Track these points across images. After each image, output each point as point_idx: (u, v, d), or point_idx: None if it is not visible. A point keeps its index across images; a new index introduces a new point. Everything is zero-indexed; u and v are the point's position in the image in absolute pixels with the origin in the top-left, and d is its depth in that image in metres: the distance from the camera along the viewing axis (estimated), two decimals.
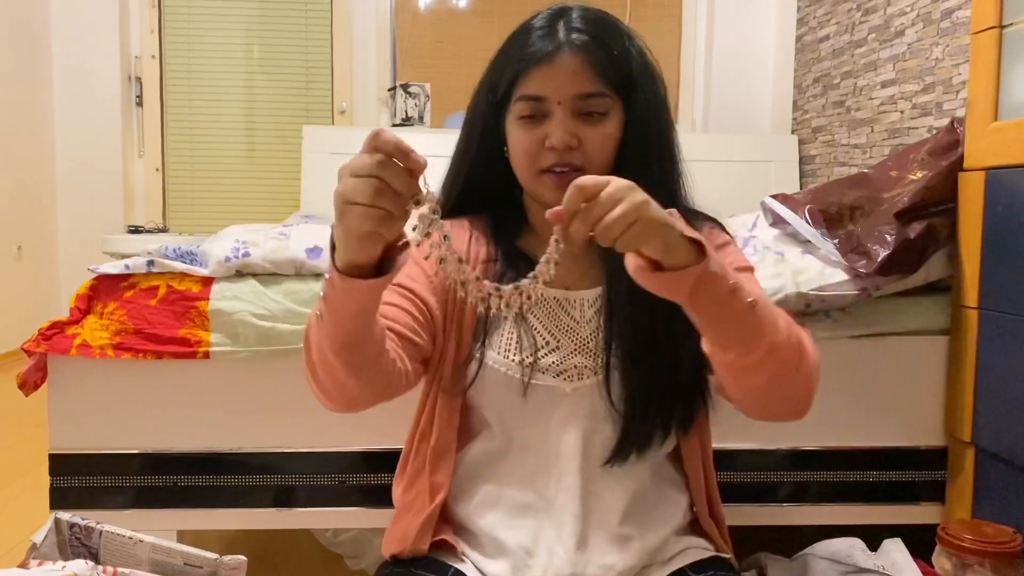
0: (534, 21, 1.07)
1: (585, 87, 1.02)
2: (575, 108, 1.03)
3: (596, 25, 1.05)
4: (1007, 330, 1.42)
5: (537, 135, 1.03)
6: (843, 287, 1.51)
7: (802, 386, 0.97)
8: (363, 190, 0.76)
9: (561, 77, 1.02)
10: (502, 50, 1.09)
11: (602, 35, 1.04)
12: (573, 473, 1.06)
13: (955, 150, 1.58)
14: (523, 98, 1.04)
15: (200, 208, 4.37)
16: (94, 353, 1.48)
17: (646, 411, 1.04)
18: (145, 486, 1.52)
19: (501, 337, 1.07)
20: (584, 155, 1.03)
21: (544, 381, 1.06)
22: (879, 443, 1.57)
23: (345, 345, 0.90)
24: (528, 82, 1.03)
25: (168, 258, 1.54)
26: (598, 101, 1.03)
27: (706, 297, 0.84)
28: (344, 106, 4.34)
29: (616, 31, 1.07)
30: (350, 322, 0.88)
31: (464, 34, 4.38)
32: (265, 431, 1.52)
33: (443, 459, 1.10)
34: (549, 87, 1.02)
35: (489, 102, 1.08)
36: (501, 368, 1.06)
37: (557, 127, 1.02)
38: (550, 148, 1.02)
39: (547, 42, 1.03)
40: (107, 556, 1.06)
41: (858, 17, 3.33)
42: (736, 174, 3.77)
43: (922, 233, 1.50)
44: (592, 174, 0.98)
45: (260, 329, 1.49)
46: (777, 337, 0.90)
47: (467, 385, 1.08)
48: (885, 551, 1.36)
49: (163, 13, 4.29)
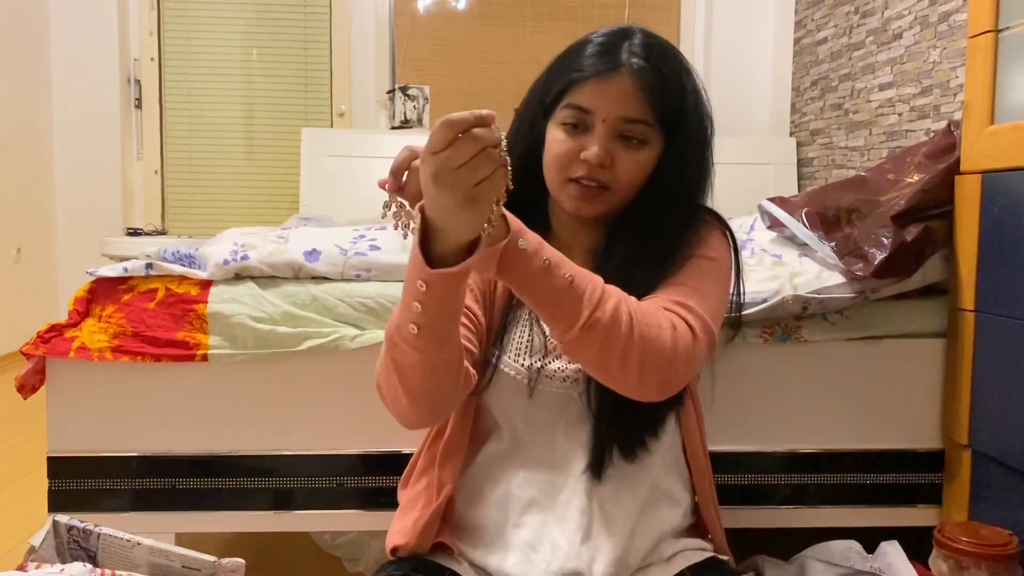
0: (596, 36, 1.09)
1: (632, 112, 1.04)
2: (617, 129, 1.05)
3: (658, 54, 1.07)
4: (1004, 333, 1.42)
5: (575, 144, 1.06)
6: (840, 290, 1.51)
7: (634, 364, 0.93)
8: (461, 149, 0.77)
9: (612, 97, 1.04)
10: (562, 56, 1.11)
11: (661, 65, 1.06)
12: (578, 474, 1.08)
13: (952, 153, 1.59)
14: (570, 106, 1.06)
15: (199, 211, 4.37)
16: (92, 356, 1.48)
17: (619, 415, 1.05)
18: (143, 489, 1.52)
19: (512, 340, 1.09)
20: (613, 175, 1.06)
21: (550, 387, 1.08)
22: (876, 446, 1.57)
23: (439, 340, 0.91)
24: (580, 93, 1.05)
25: (166, 261, 1.55)
26: (640, 128, 1.05)
27: (514, 272, 0.89)
28: (343, 108, 4.34)
29: (676, 64, 1.08)
30: (450, 313, 0.90)
31: (463, 37, 4.38)
32: (263, 434, 1.52)
33: (452, 457, 1.11)
34: (598, 103, 1.05)
35: (539, 101, 1.11)
36: (511, 372, 1.09)
37: (595, 143, 1.04)
38: (583, 160, 1.05)
39: (608, 59, 1.05)
40: (105, 559, 1.06)
41: (856, 20, 3.33)
42: (734, 176, 3.77)
43: (919, 236, 1.51)
44: (618, 194, 1.06)
45: (258, 332, 1.49)
46: (597, 314, 0.91)
47: (483, 387, 1.10)
48: (882, 553, 1.37)
49: (162, 16, 4.29)
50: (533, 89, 1.14)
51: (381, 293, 1.52)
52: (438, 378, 0.95)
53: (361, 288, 1.53)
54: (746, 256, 1.81)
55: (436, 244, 0.84)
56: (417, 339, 0.90)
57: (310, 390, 1.51)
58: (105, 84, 4.20)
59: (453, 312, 0.91)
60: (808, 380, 1.56)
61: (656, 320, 0.95)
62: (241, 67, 4.35)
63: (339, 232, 1.68)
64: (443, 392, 0.97)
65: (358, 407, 1.48)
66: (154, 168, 4.33)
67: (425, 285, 0.85)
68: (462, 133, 0.77)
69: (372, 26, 4.31)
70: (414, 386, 0.95)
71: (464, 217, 0.81)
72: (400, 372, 0.95)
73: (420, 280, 0.85)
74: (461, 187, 0.78)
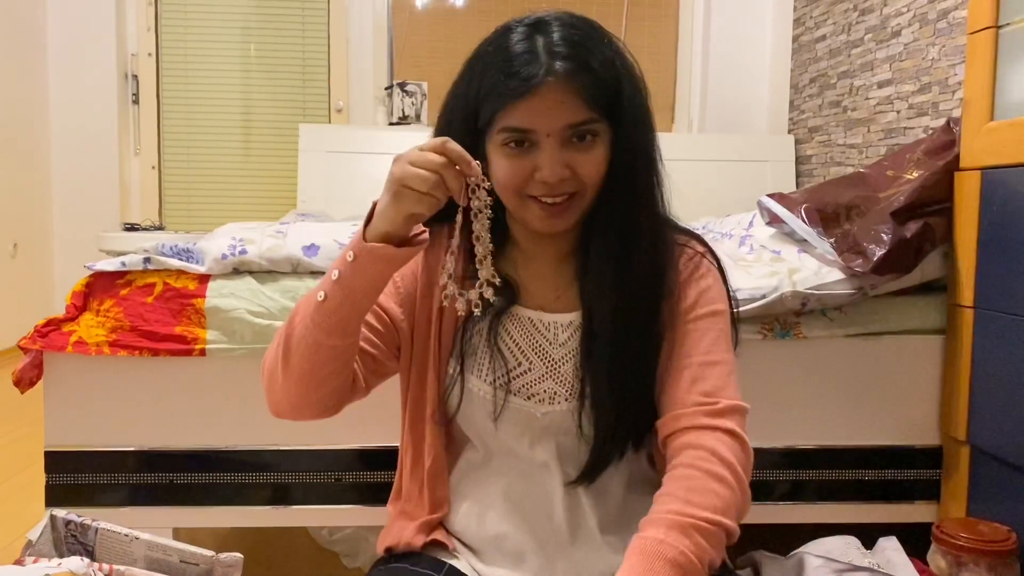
0: (511, 40, 0.99)
1: (573, 117, 0.97)
2: (564, 138, 0.98)
3: (579, 45, 0.98)
4: (1002, 329, 1.42)
5: (524, 165, 0.98)
6: (839, 286, 1.51)
7: (742, 515, 0.97)
8: (424, 180, 0.89)
9: (548, 109, 0.96)
10: (479, 72, 1.01)
11: (587, 56, 0.97)
12: (552, 486, 1.07)
13: (951, 150, 1.59)
14: (507, 129, 0.98)
15: (196, 206, 4.36)
16: (90, 350, 1.47)
17: (615, 435, 1.04)
18: (141, 483, 1.52)
19: (475, 360, 1.08)
20: (577, 181, 0.99)
21: (515, 404, 1.06)
22: (875, 442, 1.57)
23: (343, 324, 0.96)
24: (512, 114, 0.97)
25: (164, 255, 1.54)
26: (589, 127, 0.98)
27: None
28: (341, 104, 4.33)
29: (598, 44, 1.00)
30: (360, 297, 0.96)
31: (461, 32, 4.37)
32: (261, 429, 1.52)
33: (440, 477, 1.11)
34: (536, 120, 0.96)
35: (470, 130, 1.01)
36: (476, 391, 1.07)
37: (548, 161, 0.97)
38: (540, 181, 0.98)
39: (530, 71, 0.95)
40: (103, 553, 1.06)
41: (855, 17, 3.33)
42: (732, 174, 3.78)
43: (918, 232, 1.51)
44: (587, 197, 1.01)
45: (256, 326, 1.49)
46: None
47: (452, 414, 1.09)
48: (880, 549, 1.37)
49: (160, 10, 4.28)
50: (453, 107, 1.05)
51: None
52: (320, 360, 0.98)
53: None
54: (745, 252, 1.81)
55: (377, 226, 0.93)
56: (319, 309, 0.95)
57: None
58: (102, 79, 4.19)
59: (363, 297, 0.97)
60: (807, 376, 1.56)
61: (738, 498, 0.95)
62: (239, 63, 4.34)
63: (338, 227, 1.67)
64: (319, 378, 0.99)
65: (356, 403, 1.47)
66: (151, 164, 4.32)
67: (353, 256, 0.93)
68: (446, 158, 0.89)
69: (370, 22, 4.30)
70: (293, 361, 0.99)
71: (397, 220, 0.92)
72: (287, 344, 0.99)
73: (351, 251, 0.94)
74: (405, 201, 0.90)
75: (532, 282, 1.10)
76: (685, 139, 4.11)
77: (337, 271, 0.95)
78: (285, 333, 1.00)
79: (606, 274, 1.02)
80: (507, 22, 1.02)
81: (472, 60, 1.03)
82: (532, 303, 1.09)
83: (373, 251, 0.92)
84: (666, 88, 4.41)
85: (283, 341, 1.00)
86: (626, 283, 1.02)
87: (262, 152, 4.36)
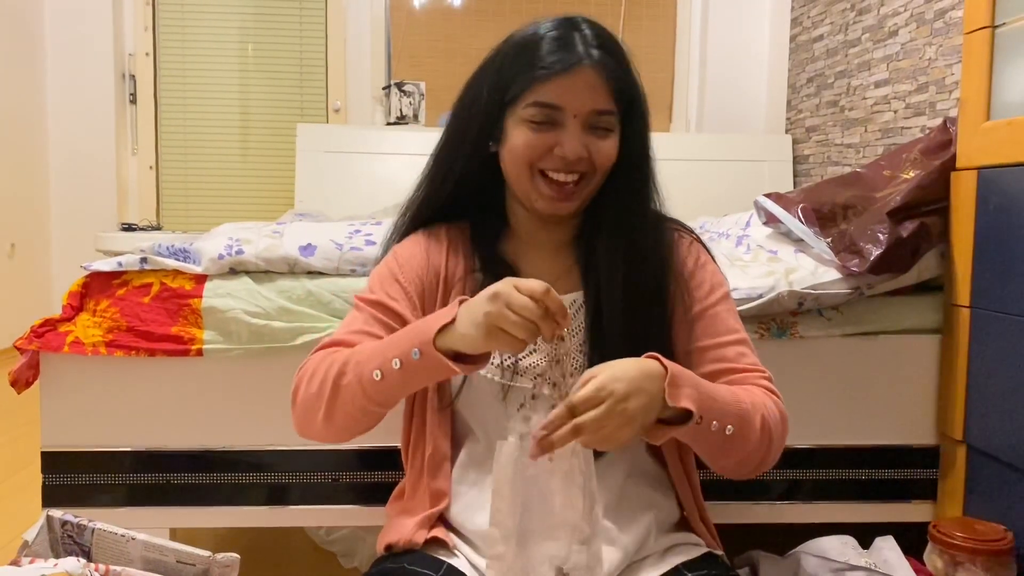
0: (545, 29, 1.06)
1: (601, 103, 1.05)
2: (588, 122, 1.05)
3: (610, 42, 1.07)
4: (999, 329, 1.43)
5: (546, 140, 1.05)
6: (836, 286, 1.51)
7: (766, 465, 1.07)
8: (520, 327, 0.89)
9: (581, 90, 1.03)
10: (511, 54, 1.07)
11: (616, 53, 1.06)
12: None
13: (948, 149, 1.59)
14: (537, 104, 1.04)
15: (194, 206, 4.36)
16: (87, 351, 1.47)
17: None
18: (137, 484, 1.52)
19: None
20: (590, 163, 1.06)
21: (523, 384, 1.08)
22: (871, 441, 1.58)
23: (392, 399, 1.02)
24: (546, 89, 1.04)
25: (161, 255, 1.54)
26: (608, 119, 1.06)
27: (688, 437, 0.98)
28: (338, 104, 4.33)
29: (623, 50, 1.09)
30: (415, 386, 1.03)
31: (459, 32, 4.37)
32: (258, 429, 1.52)
33: (441, 467, 1.12)
34: (567, 99, 1.03)
35: (495, 102, 1.07)
36: (483, 374, 1.08)
37: (572, 139, 1.04)
38: (558, 156, 1.05)
39: (567, 53, 1.03)
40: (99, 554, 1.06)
41: (852, 17, 3.33)
42: (730, 174, 3.78)
43: (914, 232, 1.51)
44: (594, 182, 1.08)
45: (253, 327, 1.48)
46: (747, 447, 1.01)
47: (452, 398, 1.11)
48: (877, 549, 1.37)
49: (157, 10, 4.27)
50: (479, 88, 1.10)
51: None
52: (360, 421, 1.05)
53: (356, 283, 1.53)
54: (742, 252, 1.81)
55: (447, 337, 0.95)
56: (373, 384, 0.99)
57: None
58: (100, 79, 4.19)
59: (417, 386, 1.04)
60: (803, 376, 1.56)
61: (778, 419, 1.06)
62: (236, 62, 4.33)
63: (335, 227, 1.67)
64: (353, 431, 1.07)
65: None
66: (149, 164, 4.32)
67: (419, 354, 0.95)
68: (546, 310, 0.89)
69: (368, 22, 4.30)
70: (337, 417, 1.04)
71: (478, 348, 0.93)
72: (332, 401, 1.03)
73: (418, 348, 0.95)
74: (496, 340, 0.91)
75: (530, 267, 1.13)
76: (682, 139, 4.11)
77: (399, 361, 0.96)
78: (331, 389, 1.02)
79: (609, 252, 1.07)
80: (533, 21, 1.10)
81: (503, 45, 1.10)
82: None
83: (441, 363, 0.94)
84: (663, 88, 4.41)
85: (329, 396, 1.03)
86: (629, 261, 1.07)
87: (259, 152, 4.36)
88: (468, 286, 1.11)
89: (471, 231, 1.15)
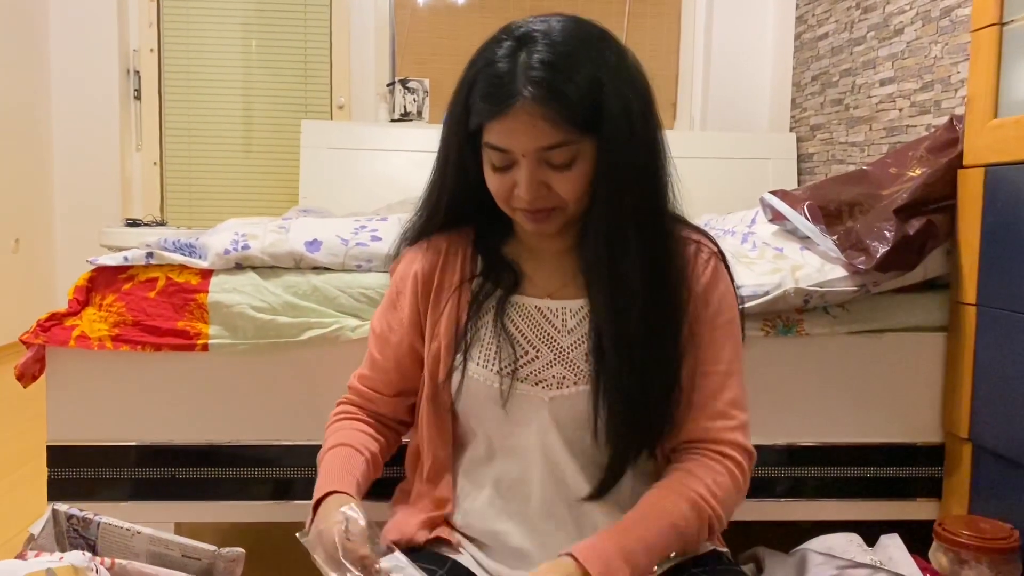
0: (496, 55, 0.99)
1: (546, 140, 0.97)
2: (540, 158, 0.99)
3: (556, 67, 0.96)
4: (1005, 327, 1.42)
5: (507, 181, 1.02)
6: (842, 283, 1.51)
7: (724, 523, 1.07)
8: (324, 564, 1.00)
9: (521, 132, 0.97)
10: (468, 85, 1.02)
11: (562, 80, 0.96)
12: (557, 478, 1.07)
13: (954, 147, 1.58)
14: (488, 146, 1.01)
15: (198, 202, 4.36)
16: (92, 345, 1.47)
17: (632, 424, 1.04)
18: (143, 478, 1.52)
19: (481, 349, 1.09)
20: (556, 197, 1.02)
21: (523, 390, 1.07)
22: (877, 439, 1.57)
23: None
24: (491, 133, 1.00)
25: (167, 250, 1.54)
26: (561, 151, 0.98)
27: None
28: (342, 101, 4.32)
29: (583, 61, 0.98)
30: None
31: (463, 29, 4.37)
32: (263, 424, 1.52)
33: (443, 476, 1.12)
34: (510, 141, 0.99)
35: (465, 135, 1.04)
36: (481, 379, 1.08)
37: (524, 181, 0.99)
38: (519, 197, 1.01)
39: (502, 92, 0.97)
40: (105, 548, 1.06)
41: (857, 15, 3.32)
42: (734, 172, 3.77)
43: (921, 230, 1.50)
44: (568, 210, 1.03)
45: (259, 322, 1.49)
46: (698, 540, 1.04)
47: (451, 397, 1.10)
48: (882, 546, 1.37)
49: (162, 6, 4.27)
50: (449, 119, 1.07)
51: (382, 284, 1.51)
52: None
53: (362, 278, 1.53)
54: (747, 249, 1.81)
55: None
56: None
57: (310, 380, 1.51)
58: (104, 75, 4.19)
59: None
60: (809, 373, 1.56)
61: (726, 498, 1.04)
62: (241, 59, 4.33)
63: (340, 223, 1.67)
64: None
65: None
66: (153, 159, 4.32)
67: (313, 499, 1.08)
68: None
69: (372, 18, 4.30)
70: None
71: None
72: None
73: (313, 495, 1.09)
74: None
75: (536, 272, 1.12)
76: (687, 136, 4.11)
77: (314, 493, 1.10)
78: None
79: (609, 261, 1.03)
80: (505, 26, 1.03)
81: (468, 68, 1.04)
82: (538, 292, 1.10)
83: None
84: (668, 86, 4.41)
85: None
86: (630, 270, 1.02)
87: (264, 148, 4.36)
88: (463, 296, 1.11)
89: (475, 236, 1.15)
